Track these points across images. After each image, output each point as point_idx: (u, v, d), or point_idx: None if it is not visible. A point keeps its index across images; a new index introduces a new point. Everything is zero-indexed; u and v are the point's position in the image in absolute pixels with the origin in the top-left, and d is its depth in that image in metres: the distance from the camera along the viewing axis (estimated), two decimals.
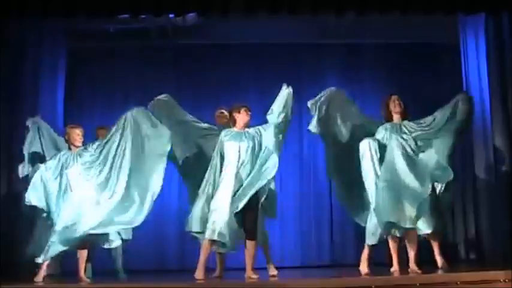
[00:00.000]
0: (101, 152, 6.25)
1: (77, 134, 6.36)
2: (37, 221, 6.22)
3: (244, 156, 6.08)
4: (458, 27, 7.81)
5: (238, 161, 6.07)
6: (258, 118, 6.49)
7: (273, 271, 6.36)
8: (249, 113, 6.29)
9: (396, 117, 6.31)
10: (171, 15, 7.58)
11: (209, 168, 6.17)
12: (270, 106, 6.98)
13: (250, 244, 5.96)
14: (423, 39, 8.42)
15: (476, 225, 7.59)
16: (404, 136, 6.17)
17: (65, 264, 7.10)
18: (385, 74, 8.64)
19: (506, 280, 5.40)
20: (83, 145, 6.34)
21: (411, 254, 5.99)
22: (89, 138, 8.31)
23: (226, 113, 6.59)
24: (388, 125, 6.29)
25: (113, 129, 6.33)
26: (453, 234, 8.18)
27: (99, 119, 8.46)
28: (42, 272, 6.07)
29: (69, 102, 8.00)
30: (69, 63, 8.03)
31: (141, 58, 8.56)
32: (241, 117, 6.25)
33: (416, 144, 6.14)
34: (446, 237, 8.16)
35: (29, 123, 6.58)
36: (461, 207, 8.29)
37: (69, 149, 6.33)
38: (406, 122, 6.28)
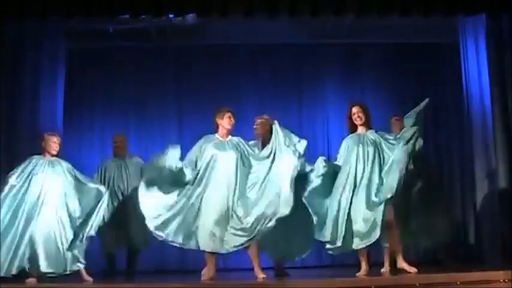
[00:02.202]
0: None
1: (54, 141, 6.32)
2: None
3: (228, 167, 5.93)
4: (459, 28, 7.81)
5: (218, 172, 5.92)
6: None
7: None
8: (233, 119, 6.05)
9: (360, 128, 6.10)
10: (170, 16, 7.58)
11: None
12: (269, 106, 7.02)
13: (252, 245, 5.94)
14: (423, 40, 8.42)
15: (476, 225, 7.59)
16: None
17: None
18: (385, 74, 8.65)
19: (506, 280, 5.40)
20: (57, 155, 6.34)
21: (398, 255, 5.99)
22: (89, 139, 8.38)
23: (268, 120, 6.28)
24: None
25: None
26: (453, 234, 8.18)
27: (99, 119, 8.47)
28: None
29: (68, 102, 7.99)
30: (68, 63, 8.02)
31: (141, 58, 8.56)
32: (225, 123, 6.05)
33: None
34: (446, 237, 8.21)
35: None
36: (461, 207, 8.31)
37: (44, 155, 6.31)
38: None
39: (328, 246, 5.98)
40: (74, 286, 5.98)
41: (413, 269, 5.85)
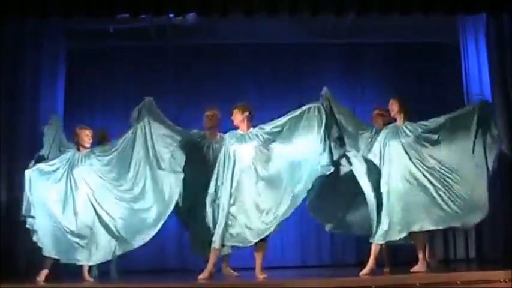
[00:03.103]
0: (111, 158, 6.34)
1: (86, 135, 6.44)
2: None
3: (246, 159, 6.05)
4: (459, 27, 7.81)
5: (242, 164, 6.04)
6: (258, 117, 6.49)
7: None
8: (239, 113, 6.20)
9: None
10: (170, 15, 7.58)
11: (216, 176, 6.14)
12: (270, 106, 7.00)
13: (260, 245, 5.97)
14: (423, 39, 8.42)
15: (477, 225, 7.57)
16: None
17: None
18: (385, 74, 8.64)
19: (506, 280, 5.40)
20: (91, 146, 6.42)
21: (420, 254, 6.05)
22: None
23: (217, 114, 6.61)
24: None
25: (127, 136, 6.39)
26: (453, 234, 8.17)
27: (99, 119, 8.46)
28: (44, 271, 6.09)
29: (69, 102, 7.99)
30: (68, 63, 8.02)
31: (141, 58, 8.56)
32: (236, 120, 6.24)
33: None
34: (446, 236, 8.21)
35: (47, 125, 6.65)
36: None
37: (78, 149, 6.38)
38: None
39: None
40: (73, 286, 5.99)
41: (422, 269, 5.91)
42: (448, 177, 6.01)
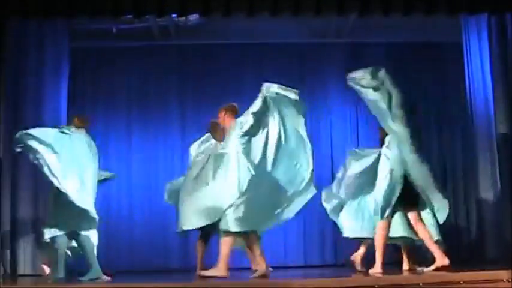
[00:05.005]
0: None
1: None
2: None
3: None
4: (462, 27, 7.80)
5: None
6: None
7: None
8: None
9: None
10: (173, 15, 7.59)
11: None
12: None
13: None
14: (426, 39, 8.41)
15: (479, 224, 7.58)
16: None
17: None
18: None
19: (510, 280, 5.39)
20: None
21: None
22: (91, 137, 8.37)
23: None
24: None
25: None
26: (456, 233, 8.16)
27: (102, 118, 8.47)
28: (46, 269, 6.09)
29: (72, 101, 8.01)
30: (71, 63, 8.04)
31: (144, 58, 8.57)
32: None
33: None
34: (449, 236, 8.20)
35: None
36: (465, 207, 8.29)
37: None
38: None
39: None
40: (73, 286, 5.98)
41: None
42: None
